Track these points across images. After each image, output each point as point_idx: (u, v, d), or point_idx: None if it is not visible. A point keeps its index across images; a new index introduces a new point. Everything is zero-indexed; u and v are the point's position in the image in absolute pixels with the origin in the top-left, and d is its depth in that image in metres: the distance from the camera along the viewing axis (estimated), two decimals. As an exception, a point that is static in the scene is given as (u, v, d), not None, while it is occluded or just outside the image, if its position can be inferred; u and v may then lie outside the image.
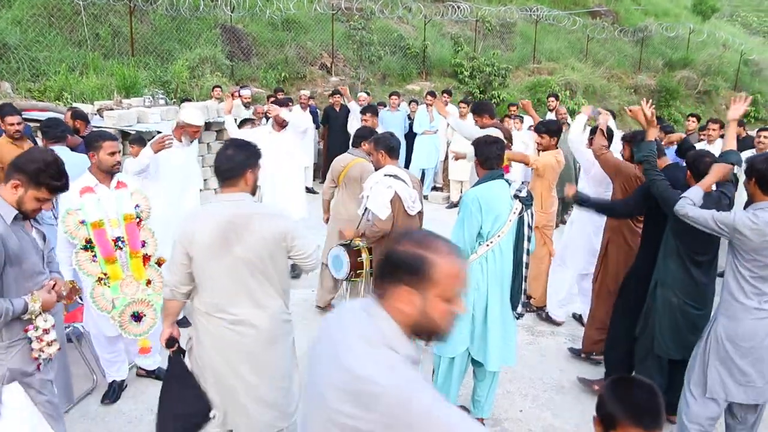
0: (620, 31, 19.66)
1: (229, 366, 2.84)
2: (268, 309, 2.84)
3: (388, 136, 4.54)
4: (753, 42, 22.42)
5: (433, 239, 1.57)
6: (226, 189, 2.83)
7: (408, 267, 1.53)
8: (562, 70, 17.39)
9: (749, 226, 3.07)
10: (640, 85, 18.23)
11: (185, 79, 11.01)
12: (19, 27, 9.90)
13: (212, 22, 12.88)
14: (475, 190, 3.52)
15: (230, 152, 2.82)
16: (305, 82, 13.56)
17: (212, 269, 2.76)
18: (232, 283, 2.77)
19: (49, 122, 4.73)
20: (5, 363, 2.61)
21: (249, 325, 2.81)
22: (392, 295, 1.55)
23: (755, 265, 3.14)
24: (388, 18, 15.85)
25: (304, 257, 2.91)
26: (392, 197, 4.26)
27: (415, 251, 1.53)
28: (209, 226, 2.74)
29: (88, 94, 9.26)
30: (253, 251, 2.74)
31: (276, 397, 2.93)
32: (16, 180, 2.62)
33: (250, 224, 2.75)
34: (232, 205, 2.78)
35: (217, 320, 2.81)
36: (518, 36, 18.29)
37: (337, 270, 4.74)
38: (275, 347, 2.90)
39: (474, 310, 3.50)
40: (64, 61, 9.86)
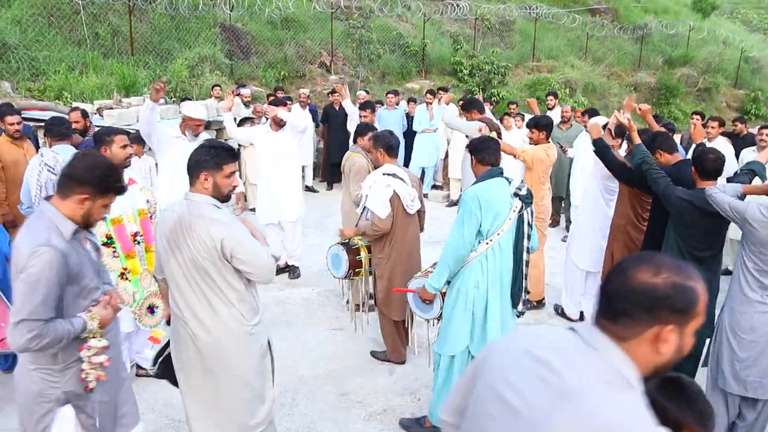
0: (620, 28, 19.64)
1: (184, 366, 2.87)
2: (221, 316, 2.76)
3: (387, 135, 4.54)
4: (753, 39, 22.39)
5: (684, 265, 1.35)
6: (190, 187, 2.81)
7: (677, 302, 1.28)
8: (561, 68, 17.37)
9: (758, 218, 3.14)
10: (639, 82, 18.22)
11: (185, 78, 11.01)
12: (18, 26, 9.89)
13: (211, 21, 12.87)
14: (475, 188, 3.51)
15: (194, 151, 2.81)
16: (305, 81, 13.55)
17: (167, 264, 2.79)
18: (185, 282, 2.75)
19: (53, 121, 4.73)
20: (60, 386, 2.47)
21: (201, 329, 2.77)
22: (644, 337, 1.31)
23: (761, 259, 3.20)
24: (387, 16, 15.83)
25: (247, 269, 2.74)
26: (391, 196, 4.26)
27: (684, 283, 1.29)
28: (167, 221, 2.77)
29: (88, 94, 9.26)
30: (197, 254, 2.69)
31: (230, 411, 2.86)
32: (83, 193, 2.47)
33: (193, 226, 2.69)
34: (186, 204, 2.76)
35: (175, 316, 2.84)
36: (517, 34, 18.27)
37: (336, 268, 4.75)
38: (228, 357, 2.80)
39: (474, 308, 3.51)
40: (64, 60, 9.85)
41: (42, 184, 4.54)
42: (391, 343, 4.61)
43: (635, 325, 1.30)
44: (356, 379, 4.42)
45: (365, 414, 3.99)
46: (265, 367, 3.01)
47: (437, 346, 3.68)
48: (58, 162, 4.54)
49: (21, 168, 5.37)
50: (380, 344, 4.87)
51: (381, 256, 4.44)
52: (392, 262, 4.39)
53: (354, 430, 3.82)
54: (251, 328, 2.84)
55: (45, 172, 4.54)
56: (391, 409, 4.04)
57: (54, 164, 4.55)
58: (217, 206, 2.77)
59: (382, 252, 4.42)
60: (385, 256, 4.41)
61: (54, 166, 4.54)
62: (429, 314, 3.91)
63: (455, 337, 3.54)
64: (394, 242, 4.38)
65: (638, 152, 4.07)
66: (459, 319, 3.53)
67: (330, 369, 4.55)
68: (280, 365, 4.49)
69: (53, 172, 4.53)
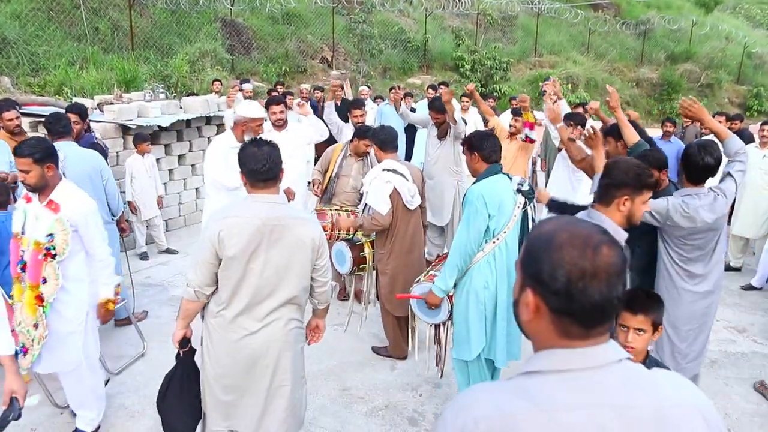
0: (622, 24, 19.58)
1: (243, 371, 2.80)
2: (286, 316, 2.80)
3: (378, 130, 4.51)
4: (756, 35, 22.30)
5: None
6: (264, 189, 2.73)
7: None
8: (563, 63, 17.33)
9: (681, 212, 3.14)
10: (642, 78, 18.17)
11: (185, 73, 10.98)
12: (18, 21, 9.86)
13: (212, 16, 12.84)
14: (479, 186, 3.41)
15: (268, 150, 2.71)
16: (306, 76, 13.52)
17: (240, 270, 2.67)
18: (257, 288, 2.70)
19: (52, 117, 4.69)
20: None
21: (265, 332, 2.76)
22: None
23: (684, 249, 3.25)
24: (388, 11, 15.79)
25: (322, 273, 2.87)
26: (391, 192, 4.23)
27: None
28: (246, 227, 2.64)
29: (88, 89, 9.23)
30: (286, 256, 2.69)
31: (289, 405, 2.89)
32: (624, 195, 2.65)
33: (288, 227, 2.69)
34: (269, 207, 2.70)
35: (233, 325, 2.75)
36: (520, 29, 18.22)
37: (341, 264, 4.73)
38: (287, 354, 2.84)
39: (485, 309, 3.42)
40: (64, 55, 9.83)
41: None
42: (393, 339, 4.60)
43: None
44: (358, 375, 4.41)
45: (367, 409, 3.98)
46: (304, 364, 3.08)
47: (456, 353, 3.56)
48: (60, 159, 4.51)
49: (21, 163, 5.35)
50: (381, 340, 4.86)
51: (383, 251, 4.42)
52: (394, 257, 4.37)
53: (355, 425, 3.81)
54: (302, 324, 2.98)
55: None
56: (393, 405, 4.03)
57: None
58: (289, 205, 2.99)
59: (384, 248, 4.40)
60: (386, 251, 4.39)
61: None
62: (436, 318, 3.76)
63: (473, 341, 3.45)
64: (395, 238, 4.35)
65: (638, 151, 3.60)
66: (475, 321, 3.42)
67: (331, 365, 4.54)
68: (282, 361, 4.49)
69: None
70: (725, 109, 15.66)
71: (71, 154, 4.54)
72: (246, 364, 2.78)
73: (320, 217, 5.07)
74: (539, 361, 1.15)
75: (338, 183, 5.35)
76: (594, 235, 1.13)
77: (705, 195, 3.18)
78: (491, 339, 3.48)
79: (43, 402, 3.88)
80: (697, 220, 3.12)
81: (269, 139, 2.84)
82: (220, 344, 2.79)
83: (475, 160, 3.52)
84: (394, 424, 3.82)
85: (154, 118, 7.31)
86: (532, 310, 1.16)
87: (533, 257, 1.15)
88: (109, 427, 3.71)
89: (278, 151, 2.77)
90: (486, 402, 1.12)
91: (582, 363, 1.11)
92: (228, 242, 2.62)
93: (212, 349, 2.81)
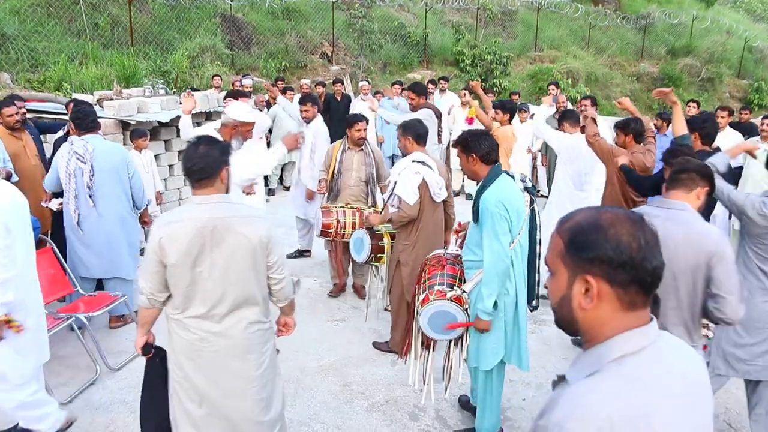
0: (623, 18, 19.51)
1: (204, 376, 2.72)
2: (246, 318, 2.71)
3: (416, 123, 4.51)
4: (757, 29, 22.23)
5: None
6: (202, 190, 2.62)
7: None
8: (564, 58, 17.28)
9: (758, 210, 3.12)
10: (642, 72, 18.12)
11: (185, 69, 10.96)
12: (17, 17, 9.84)
13: (212, 11, 12.81)
14: (494, 192, 3.22)
15: (203, 149, 2.61)
16: (306, 71, 13.49)
17: (187, 276, 2.58)
18: (208, 291, 2.61)
19: (81, 113, 4.69)
20: None
21: (224, 336, 2.67)
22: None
23: (760, 248, 3.21)
24: (388, 6, 15.74)
25: (276, 270, 2.75)
26: (420, 183, 4.22)
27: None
28: (185, 231, 2.54)
29: (88, 85, 9.22)
30: (232, 256, 2.59)
31: (257, 408, 2.81)
32: (705, 187, 2.76)
33: (231, 227, 2.58)
34: (209, 208, 2.60)
35: (191, 329, 2.66)
36: (520, 24, 18.17)
37: (358, 253, 4.73)
38: (250, 356, 2.75)
39: (505, 315, 3.33)
40: (63, 51, 9.81)
41: (71, 172, 4.55)
42: (400, 333, 4.56)
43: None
44: (358, 370, 4.41)
45: (367, 405, 3.98)
46: (276, 365, 3.00)
47: (473, 360, 3.48)
48: (88, 150, 4.54)
49: (22, 160, 5.36)
50: (382, 335, 4.86)
51: (407, 242, 4.34)
52: (417, 249, 4.28)
53: (356, 421, 3.81)
54: (267, 325, 2.88)
55: (74, 160, 4.53)
56: (393, 400, 4.04)
57: (83, 153, 4.54)
58: (235, 203, 2.82)
59: (409, 239, 4.33)
60: (411, 242, 4.32)
61: (83, 155, 4.54)
62: (452, 335, 3.54)
63: (493, 351, 3.36)
64: (420, 229, 4.31)
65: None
66: (493, 330, 3.33)
67: (332, 360, 4.54)
68: (282, 356, 4.49)
69: (82, 160, 4.53)
70: (726, 103, 15.62)
71: (99, 148, 4.60)
72: (207, 369, 2.70)
73: (325, 214, 5.10)
74: (620, 345, 1.19)
75: (342, 178, 5.38)
76: (630, 213, 1.23)
77: None
78: (514, 344, 3.39)
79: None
80: None
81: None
82: (181, 348, 2.71)
83: (473, 161, 3.35)
84: (395, 420, 3.83)
85: (153, 113, 7.31)
86: (596, 294, 1.19)
87: (587, 242, 1.19)
88: (109, 423, 3.72)
89: (217, 150, 2.65)
90: (609, 400, 1.13)
91: (650, 337, 1.21)
92: (168, 249, 2.53)
93: (174, 354, 2.75)
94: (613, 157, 4.74)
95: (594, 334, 1.23)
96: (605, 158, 4.85)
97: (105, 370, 4.26)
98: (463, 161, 3.42)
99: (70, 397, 3.92)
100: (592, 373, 1.18)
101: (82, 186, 4.56)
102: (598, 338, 1.22)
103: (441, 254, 3.79)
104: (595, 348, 1.22)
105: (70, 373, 4.26)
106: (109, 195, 4.67)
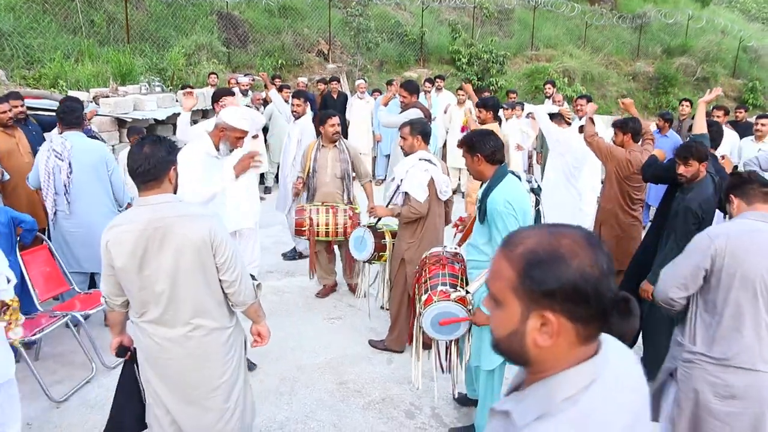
0: (619, 17, 19.56)
1: (165, 384, 2.67)
2: (201, 325, 2.62)
3: (424, 122, 4.53)
4: (752, 28, 22.30)
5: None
6: (147, 192, 2.54)
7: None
8: (560, 57, 17.31)
9: None
10: (638, 72, 18.17)
11: (181, 67, 10.93)
12: (12, 13, 9.80)
13: (208, 9, 12.78)
14: (501, 192, 3.19)
15: (149, 149, 2.51)
16: (302, 69, 13.47)
17: (136, 280, 2.52)
18: (158, 294, 2.53)
19: (66, 108, 4.70)
20: None
21: (178, 344, 2.60)
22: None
23: None
24: (385, 4, 15.73)
25: (226, 272, 2.61)
26: (428, 181, 4.23)
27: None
28: (128, 234, 2.47)
29: (84, 82, 9.18)
30: (179, 258, 2.50)
31: (218, 419, 2.74)
32: None
33: (172, 228, 2.49)
34: (151, 209, 2.51)
35: (149, 335, 2.61)
36: (516, 22, 18.18)
37: (360, 251, 4.72)
38: (209, 365, 2.67)
39: None
40: (59, 48, 9.76)
41: (50, 170, 4.52)
42: (398, 331, 4.55)
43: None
44: (354, 368, 4.42)
45: (364, 403, 3.99)
46: (242, 370, 2.92)
47: (474, 360, 3.49)
48: (66, 148, 4.52)
49: (15, 157, 5.33)
50: (378, 333, 4.87)
51: (412, 240, 4.34)
52: (422, 247, 4.27)
53: (352, 418, 3.82)
54: (229, 328, 2.78)
55: (53, 158, 4.51)
56: (390, 398, 4.05)
57: (62, 150, 4.52)
58: (180, 202, 2.69)
59: (414, 236, 4.34)
60: (416, 240, 4.33)
61: (62, 152, 4.52)
62: (455, 334, 3.47)
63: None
64: (426, 227, 4.33)
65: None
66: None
67: (328, 358, 4.55)
68: (279, 355, 4.50)
69: (60, 157, 4.51)
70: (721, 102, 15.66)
71: (78, 145, 4.57)
72: (166, 378, 2.66)
73: (298, 213, 5.14)
74: (573, 380, 1.08)
75: (317, 176, 5.41)
76: (587, 235, 1.11)
77: None
78: None
79: (38, 396, 3.88)
80: None
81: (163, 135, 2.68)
82: (142, 354, 2.69)
83: (478, 161, 3.32)
84: (391, 417, 3.84)
85: (150, 111, 7.31)
86: (555, 331, 1.07)
87: (547, 275, 1.05)
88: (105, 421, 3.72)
89: (163, 150, 2.54)
90: None
91: (600, 366, 1.11)
92: (114, 252, 2.48)
93: (140, 357, 2.73)
94: (612, 156, 4.78)
95: (543, 368, 1.11)
96: (603, 157, 4.90)
97: (101, 368, 4.25)
98: (468, 161, 3.39)
99: (65, 395, 3.92)
100: (542, 415, 1.06)
101: (60, 183, 4.54)
102: (546, 371, 1.10)
103: (440, 252, 3.77)
104: (543, 383, 1.10)
105: (65, 371, 4.26)
106: (89, 192, 4.64)
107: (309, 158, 5.47)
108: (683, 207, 3.68)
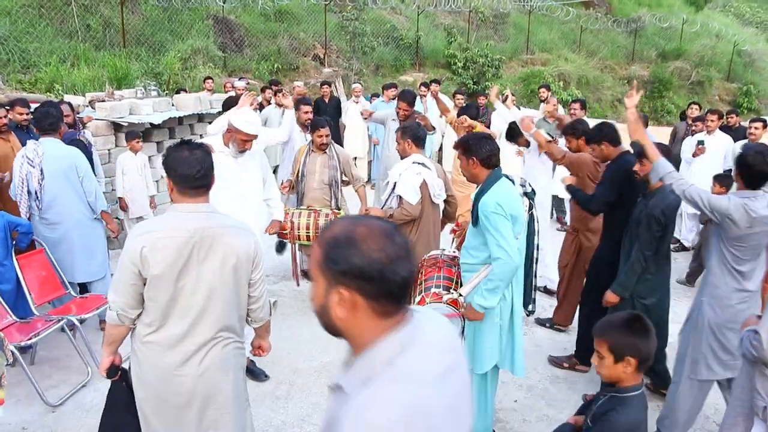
0: (614, 21, 19.66)
1: (178, 401, 2.49)
2: (225, 336, 2.52)
3: (415, 126, 4.53)
4: (746, 33, 22.45)
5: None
6: (197, 198, 2.44)
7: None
8: (555, 60, 17.39)
9: (742, 212, 3.09)
10: (633, 75, 18.24)
11: (177, 71, 10.95)
12: (8, 18, 9.80)
13: (204, 13, 12.80)
14: (492, 195, 3.17)
15: (200, 154, 2.43)
16: (298, 73, 13.51)
17: (170, 289, 2.37)
18: (188, 308, 2.41)
19: (40, 113, 4.66)
20: None
21: (200, 357, 2.46)
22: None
23: (739, 250, 3.19)
24: (380, 9, 15.78)
25: (257, 288, 2.59)
26: (420, 184, 4.24)
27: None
28: (171, 241, 2.34)
29: (80, 86, 9.19)
30: (219, 269, 2.42)
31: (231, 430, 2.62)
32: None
33: (222, 238, 2.41)
34: (198, 217, 2.41)
35: (167, 350, 2.44)
36: (511, 27, 18.26)
37: None
38: (227, 378, 2.56)
39: (501, 320, 3.31)
40: (55, 52, 9.78)
41: (23, 176, 4.48)
42: None
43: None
44: (351, 372, 4.42)
45: (360, 406, 3.99)
46: (245, 387, 2.81)
47: (467, 363, 3.49)
48: (38, 154, 4.48)
49: (9, 163, 5.33)
50: (374, 337, 4.87)
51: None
52: (417, 249, 4.25)
53: (348, 422, 3.82)
54: (242, 345, 2.69)
55: (26, 165, 4.47)
56: (386, 401, 4.05)
57: (33, 157, 4.47)
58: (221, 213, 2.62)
59: (408, 239, 4.33)
60: (410, 243, 4.32)
61: (33, 159, 4.47)
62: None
63: (488, 355, 3.35)
64: (420, 230, 4.35)
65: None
66: (488, 334, 3.31)
67: (325, 361, 4.55)
68: (275, 358, 4.50)
69: (32, 164, 4.47)
70: (715, 106, 15.74)
71: (49, 151, 4.52)
72: (181, 393, 2.48)
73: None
74: (386, 348, 1.24)
75: (306, 181, 5.42)
76: (384, 226, 1.29)
77: (762, 196, 3.15)
78: (508, 349, 3.39)
79: (34, 400, 3.87)
80: (757, 221, 3.09)
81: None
82: (151, 372, 2.47)
83: (473, 165, 3.29)
84: (387, 420, 3.83)
85: (146, 115, 7.29)
86: (348, 306, 1.25)
87: (340, 256, 1.22)
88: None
89: (210, 157, 2.49)
90: (391, 407, 1.16)
91: (411, 335, 1.27)
92: (153, 259, 2.32)
93: (142, 377, 2.50)
94: (580, 165, 4.67)
95: (358, 341, 1.29)
96: (575, 170, 4.74)
97: (96, 372, 4.22)
98: (463, 164, 3.37)
99: (61, 400, 3.91)
100: (367, 379, 1.21)
101: (32, 189, 4.51)
102: (363, 344, 1.27)
103: (437, 255, 3.78)
104: (364, 354, 1.27)
105: (61, 375, 4.25)
106: (63, 198, 4.59)
107: (299, 162, 5.50)
108: (646, 214, 3.57)
